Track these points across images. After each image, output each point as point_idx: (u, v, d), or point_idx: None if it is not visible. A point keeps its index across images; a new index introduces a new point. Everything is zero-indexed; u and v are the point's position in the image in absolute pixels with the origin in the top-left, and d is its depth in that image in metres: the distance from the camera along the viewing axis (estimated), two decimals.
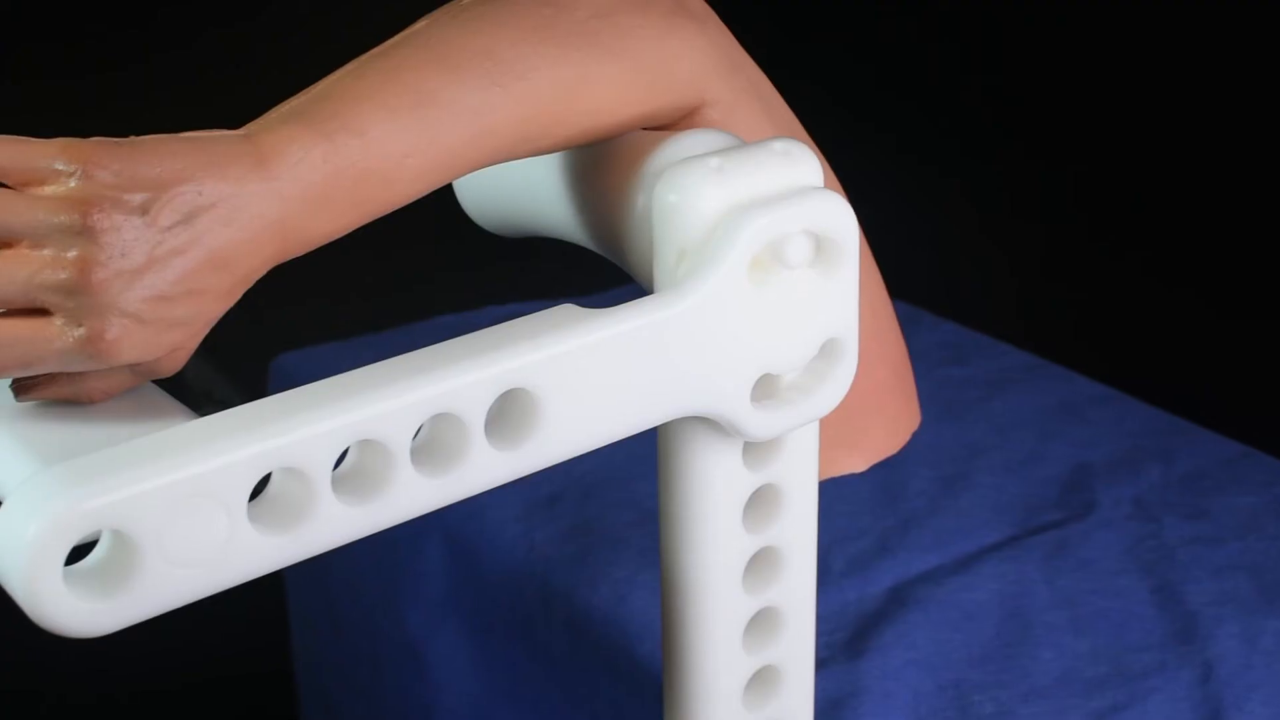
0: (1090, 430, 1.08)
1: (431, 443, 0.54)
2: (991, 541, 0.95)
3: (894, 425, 0.79)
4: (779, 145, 0.62)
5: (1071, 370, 1.18)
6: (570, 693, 0.91)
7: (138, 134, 0.54)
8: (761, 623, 0.68)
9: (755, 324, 0.61)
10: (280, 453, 0.50)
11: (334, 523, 0.52)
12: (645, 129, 0.66)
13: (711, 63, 0.66)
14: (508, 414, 0.56)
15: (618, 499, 0.99)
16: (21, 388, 0.55)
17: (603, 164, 0.66)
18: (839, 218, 0.62)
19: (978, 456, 1.05)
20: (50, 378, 0.54)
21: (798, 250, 0.61)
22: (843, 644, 0.85)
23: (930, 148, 1.66)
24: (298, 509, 0.51)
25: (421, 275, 1.59)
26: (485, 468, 0.55)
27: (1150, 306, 1.52)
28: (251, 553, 0.50)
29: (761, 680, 0.70)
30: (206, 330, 0.55)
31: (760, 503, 0.67)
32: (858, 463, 0.76)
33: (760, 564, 0.67)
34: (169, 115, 0.96)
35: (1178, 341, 1.50)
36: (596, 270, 1.42)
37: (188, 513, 0.49)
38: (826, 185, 0.68)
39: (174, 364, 0.55)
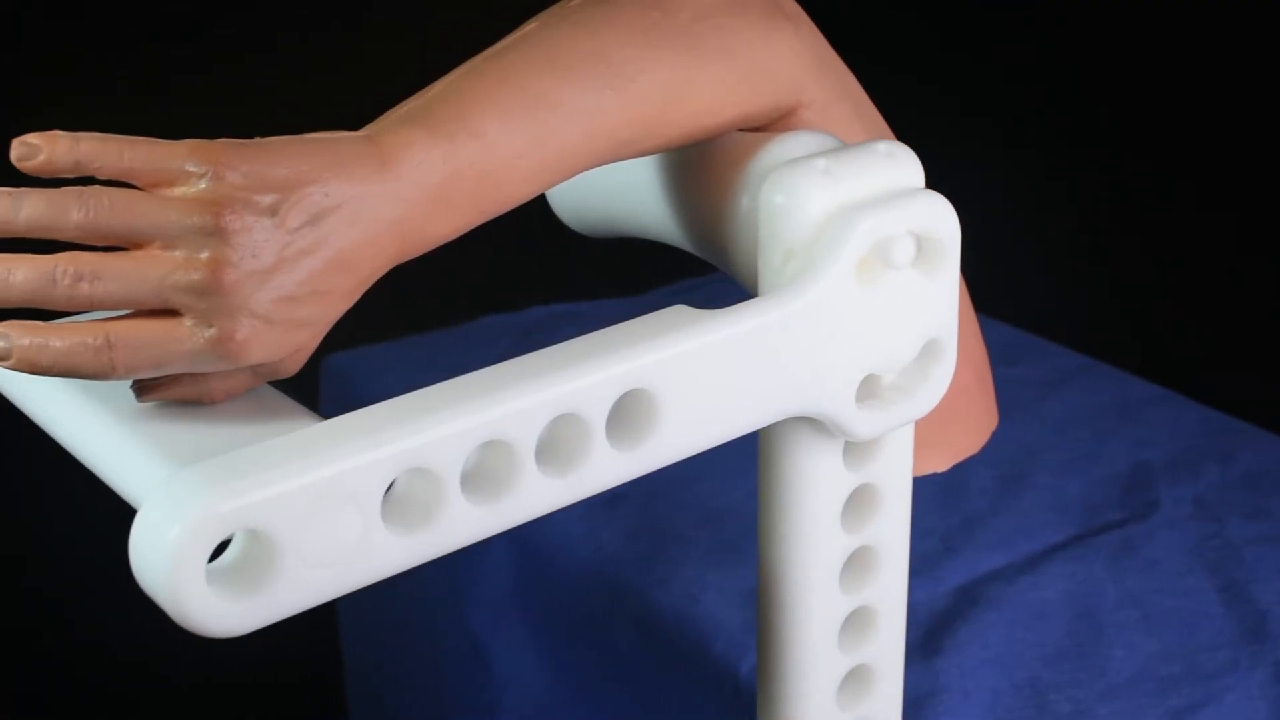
0: (1147, 430, 1.08)
1: (553, 443, 0.54)
2: (1056, 541, 0.96)
3: (975, 425, 0.79)
4: (882, 147, 0.62)
5: (1122, 370, 1.18)
6: (640, 692, 0.91)
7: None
8: (856, 622, 0.69)
9: (861, 324, 0.61)
10: (414, 453, 0.50)
11: (462, 523, 0.52)
12: (742, 130, 0.66)
13: (806, 63, 0.66)
14: (626, 414, 0.56)
15: (681, 499, 0.99)
16: (144, 388, 0.55)
17: (702, 165, 0.66)
18: (943, 219, 0.62)
19: (1036, 456, 1.05)
20: (173, 378, 0.54)
21: (903, 251, 0.61)
22: (917, 643, 0.86)
23: (977, 147, 1.66)
24: (428, 509, 0.51)
25: (456, 274, 1.60)
26: (606, 468, 0.55)
27: (1194, 306, 1.53)
28: (383, 553, 0.51)
29: (854, 679, 0.70)
30: (326, 331, 0.55)
31: (857, 503, 0.67)
32: (941, 462, 0.76)
33: (856, 563, 0.68)
34: (246, 118, 0.96)
35: (1225, 342, 1.50)
36: (628, 268, 1.42)
37: (324, 513, 0.49)
38: None
39: (295, 365, 0.55)
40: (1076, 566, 0.92)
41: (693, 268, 1.43)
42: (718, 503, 0.99)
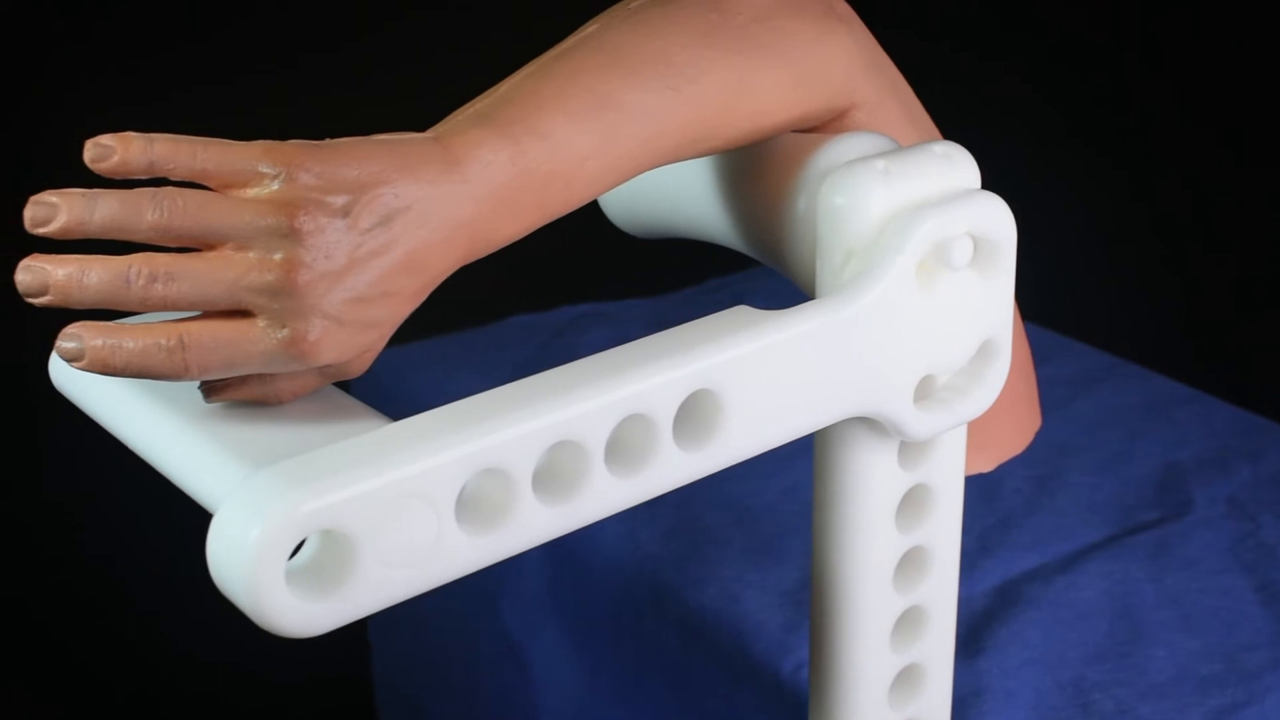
0: (1177, 430, 1.08)
1: (620, 444, 0.55)
2: (1092, 540, 0.96)
3: (1020, 425, 0.79)
4: (939, 148, 0.63)
5: (1150, 370, 1.18)
6: (682, 692, 0.91)
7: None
8: (908, 621, 0.69)
9: (920, 325, 0.61)
10: (489, 453, 0.50)
11: (533, 523, 0.52)
12: (796, 131, 0.66)
13: (859, 64, 0.66)
14: (691, 415, 0.56)
15: (716, 499, 0.99)
16: (212, 389, 0.55)
17: (757, 167, 0.66)
18: (1000, 220, 0.62)
19: (1069, 455, 1.05)
20: (242, 379, 0.55)
21: (962, 252, 0.61)
22: (959, 643, 0.86)
23: (988, 145, 1.66)
24: (500, 510, 0.51)
25: (483, 274, 1.59)
26: (672, 468, 0.55)
27: (1214, 307, 1.53)
28: (457, 554, 0.51)
29: (905, 679, 0.70)
30: (393, 332, 0.56)
31: (911, 503, 0.67)
32: (988, 462, 0.76)
33: (909, 563, 0.68)
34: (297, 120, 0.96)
35: (1247, 342, 1.50)
36: (653, 268, 1.43)
37: (401, 513, 0.49)
38: None
39: (362, 365, 0.56)
40: (1113, 566, 0.92)
41: (717, 268, 1.44)
42: (751, 502, 0.99)
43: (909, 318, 0.61)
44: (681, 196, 0.70)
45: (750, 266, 1.41)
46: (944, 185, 0.62)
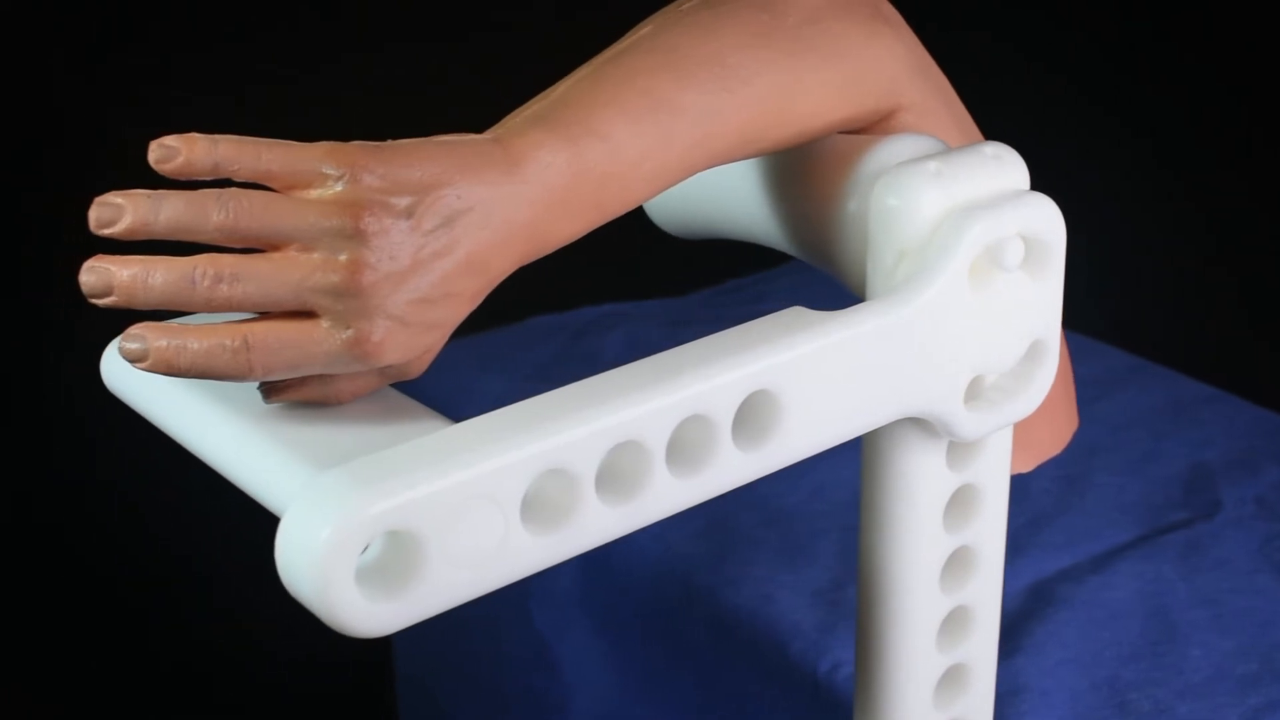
0: (1203, 430, 1.09)
1: (681, 445, 0.55)
2: (1123, 541, 0.96)
3: (1059, 426, 0.79)
4: (989, 149, 0.63)
5: (1172, 370, 1.19)
6: (714, 692, 0.91)
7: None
8: (954, 621, 0.69)
9: (971, 326, 0.61)
10: (554, 454, 0.50)
11: (596, 524, 0.52)
12: (843, 132, 0.66)
13: (905, 66, 0.67)
14: (749, 416, 0.56)
15: (746, 499, 0.99)
16: (272, 389, 0.55)
17: (805, 168, 0.66)
18: (1051, 221, 0.62)
19: (1095, 456, 1.05)
20: (302, 379, 0.55)
21: (1014, 253, 0.61)
22: None
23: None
24: (563, 510, 0.52)
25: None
26: (731, 468, 0.55)
27: (1233, 306, 1.53)
28: (522, 554, 0.51)
29: (950, 678, 0.70)
30: (451, 333, 0.56)
31: (958, 503, 0.67)
32: (1027, 463, 0.76)
33: (956, 563, 0.68)
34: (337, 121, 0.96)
35: (1266, 343, 1.51)
36: (671, 269, 1.43)
37: (468, 514, 0.49)
38: None
39: (422, 366, 0.56)
40: (1145, 566, 0.93)
41: (735, 269, 1.44)
42: (782, 503, 0.99)
43: (961, 318, 0.61)
44: (727, 197, 0.70)
45: (768, 267, 1.42)
46: (994, 186, 0.62)
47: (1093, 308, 1.59)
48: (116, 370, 0.62)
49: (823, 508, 0.99)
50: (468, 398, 1.05)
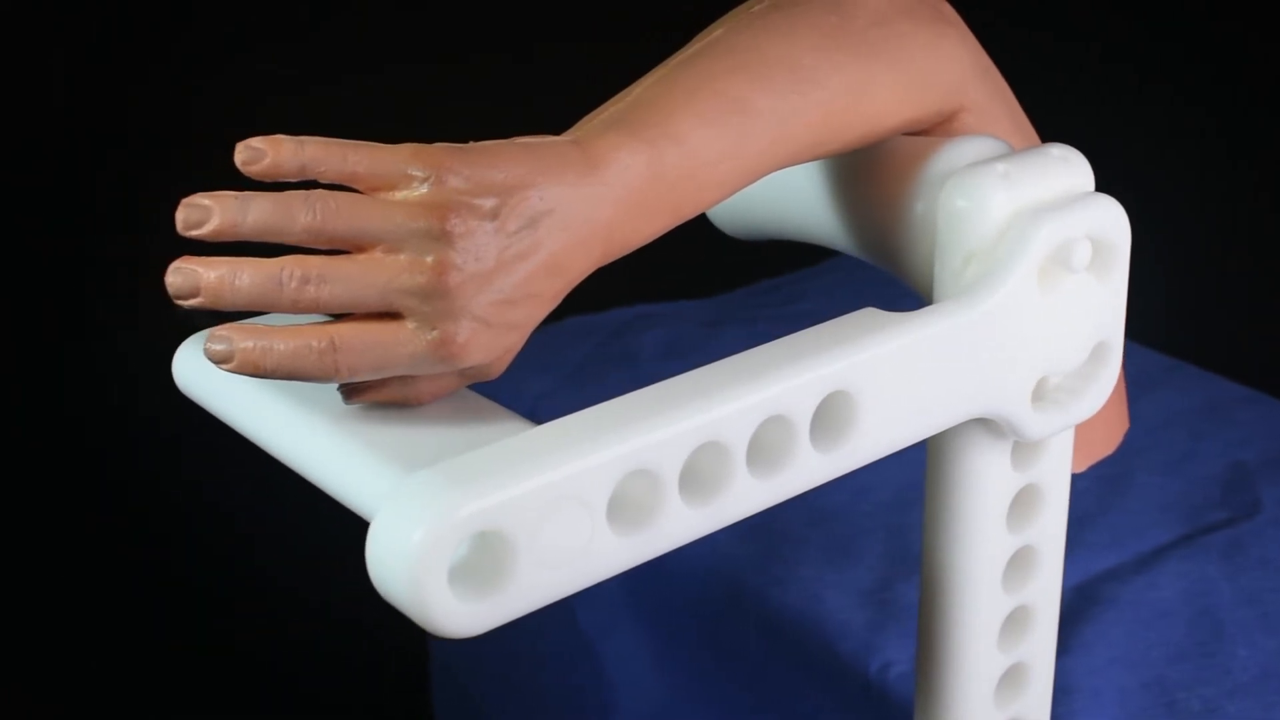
0: (1241, 430, 1.09)
1: (759, 446, 0.55)
2: (1166, 540, 0.96)
3: (1111, 427, 0.80)
4: (1056, 151, 0.63)
5: (1206, 371, 1.19)
6: (763, 693, 0.92)
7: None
8: (1015, 621, 0.69)
9: (1040, 327, 0.62)
10: (641, 454, 0.50)
11: (679, 524, 0.53)
12: (907, 134, 0.67)
13: (968, 68, 0.67)
14: (826, 417, 0.56)
15: (790, 500, 0.99)
16: (353, 391, 0.55)
17: (870, 170, 0.66)
18: (1117, 222, 0.63)
19: (1135, 456, 1.06)
20: (383, 380, 0.55)
21: (1081, 254, 0.61)
22: None
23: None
24: (647, 511, 0.52)
25: None
26: (808, 469, 0.56)
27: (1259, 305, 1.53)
28: (607, 554, 0.51)
29: (1010, 678, 0.70)
30: (529, 334, 0.56)
31: (1022, 503, 0.67)
32: (1081, 463, 0.77)
33: (1018, 563, 0.68)
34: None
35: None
36: (702, 270, 1.43)
37: (557, 515, 0.49)
38: None
39: (501, 367, 0.56)
40: (1189, 566, 0.93)
41: (768, 269, 1.44)
42: (825, 502, 1.00)
43: (1030, 320, 0.61)
44: (789, 198, 0.71)
45: (801, 267, 1.42)
46: (1060, 188, 0.62)
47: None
48: (188, 370, 0.62)
49: (866, 508, 0.99)
50: (508, 399, 1.05)
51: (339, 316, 0.53)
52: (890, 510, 0.99)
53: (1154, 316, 1.58)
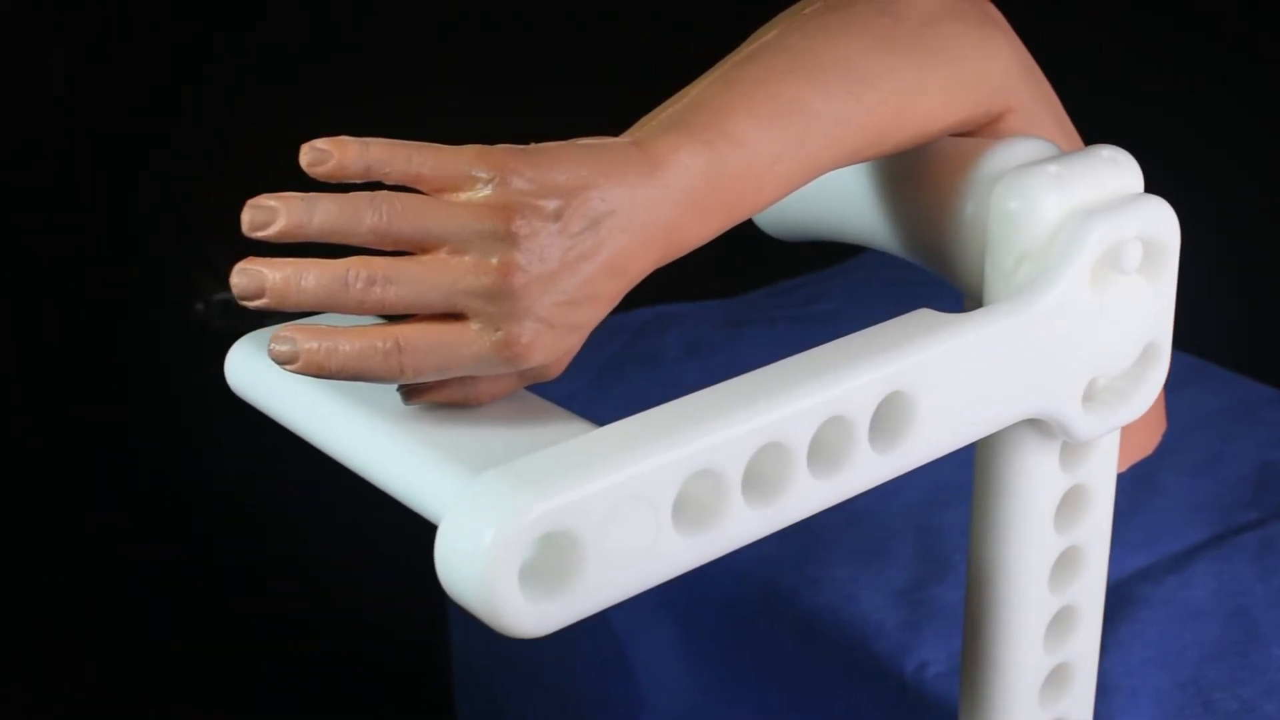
0: (1270, 430, 1.09)
1: (818, 446, 0.55)
2: (1197, 541, 0.96)
3: (1151, 427, 0.80)
4: (1106, 152, 0.63)
5: (1232, 372, 1.19)
6: (798, 694, 0.92)
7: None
8: (1060, 621, 0.69)
9: (1091, 328, 0.62)
10: (706, 455, 0.51)
11: (741, 525, 0.53)
12: (954, 135, 0.67)
13: (1015, 70, 0.67)
14: (884, 417, 0.57)
15: None
16: (413, 391, 0.55)
17: (918, 171, 0.66)
18: (1167, 224, 0.63)
19: (1164, 456, 1.06)
20: (444, 381, 0.55)
21: (1132, 256, 0.62)
22: None
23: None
24: (711, 511, 0.52)
25: None
26: (867, 470, 0.56)
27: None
28: (672, 555, 0.51)
29: (1056, 677, 0.71)
30: (588, 335, 0.56)
31: (1069, 503, 0.68)
32: (1122, 463, 0.77)
33: (1064, 563, 0.68)
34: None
35: None
36: (719, 270, 1.43)
37: (624, 515, 0.49)
38: None
39: (560, 368, 0.56)
40: (1222, 566, 0.93)
41: (788, 269, 1.44)
42: (855, 503, 0.99)
43: (1081, 321, 0.61)
44: (835, 199, 0.71)
45: (820, 267, 1.42)
46: (1111, 189, 0.63)
47: None
48: (240, 370, 0.62)
49: (895, 509, 0.99)
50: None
51: (401, 317, 0.54)
52: (919, 511, 0.99)
53: (1179, 317, 1.59)
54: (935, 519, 0.98)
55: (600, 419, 0.55)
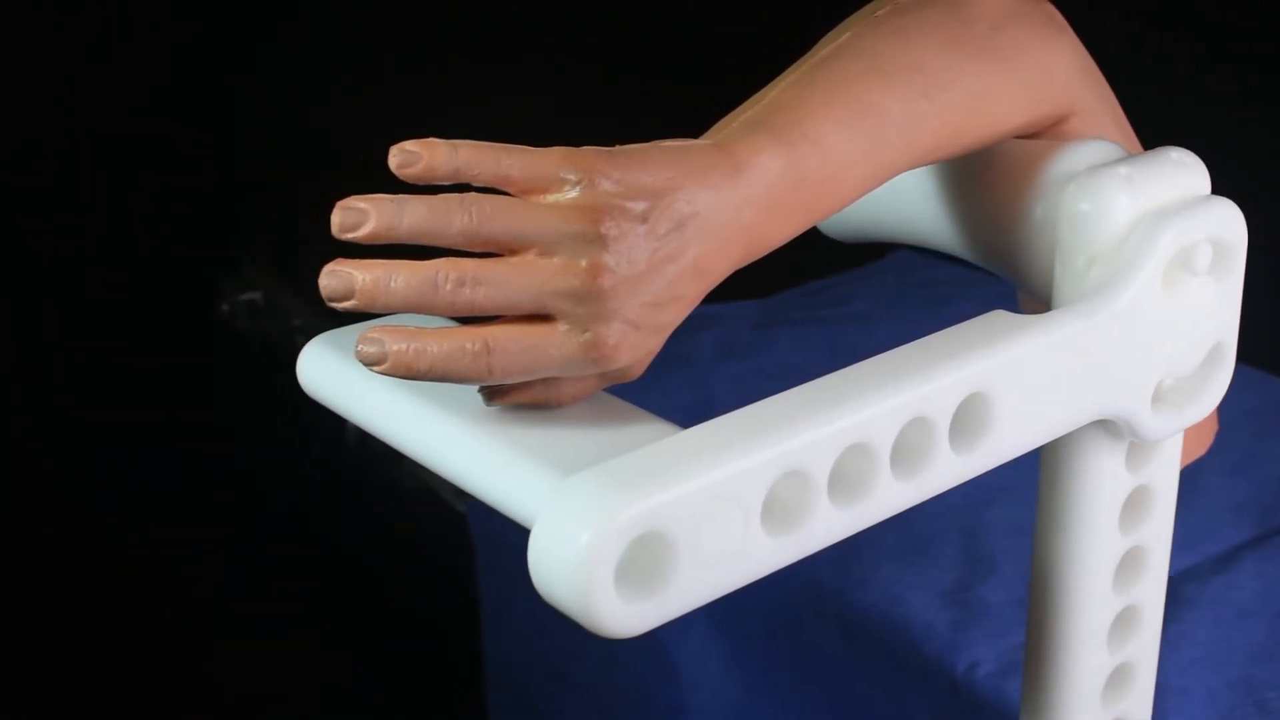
0: None
1: (900, 447, 0.55)
2: (1239, 541, 0.97)
3: (1205, 429, 0.80)
4: (1174, 154, 0.63)
5: (1265, 372, 1.20)
6: (843, 694, 0.92)
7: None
8: (1123, 621, 0.70)
9: (1161, 329, 0.62)
10: (794, 455, 0.51)
11: (826, 525, 0.53)
12: (1018, 138, 0.67)
13: (1079, 72, 0.67)
14: (963, 419, 0.57)
15: None
16: (496, 392, 0.55)
17: (985, 173, 0.67)
18: (1235, 225, 0.63)
19: (1203, 456, 1.06)
20: (527, 382, 0.55)
21: (1203, 257, 0.62)
22: None
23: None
24: (797, 512, 0.52)
25: None
26: (947, 470, 0.56)
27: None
28: (760, 555, 0.51)
29: (1117, 677, 0.71)
30: (669, 335, 0.56)
31: (1134, 504, 0.68)
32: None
33: (1128, 563, 0.69)
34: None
35: None
36: (747, 270, 1.43)
37: (715, 516, 0.50)
38: None
39: (641, 369, 0.56)
40: (1265, 566, 0.93)
41: (815, 271, 1.44)
42: None
43: (1153, 322, 0.62)
44: (900, 201, 0.71)
45: (848, 269, 1.42)
46: (1180, 191, 0.63)
47: None
48: (314, 370, 0.63)
49: (938, 510, 0.99)
50: None
51: (485, 319, 0.54)
52: (961, 512, 0.99)
53: None
54: (978, 519, 0.98)
55: None
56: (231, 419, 1.89)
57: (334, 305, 0.52)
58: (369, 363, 0.52)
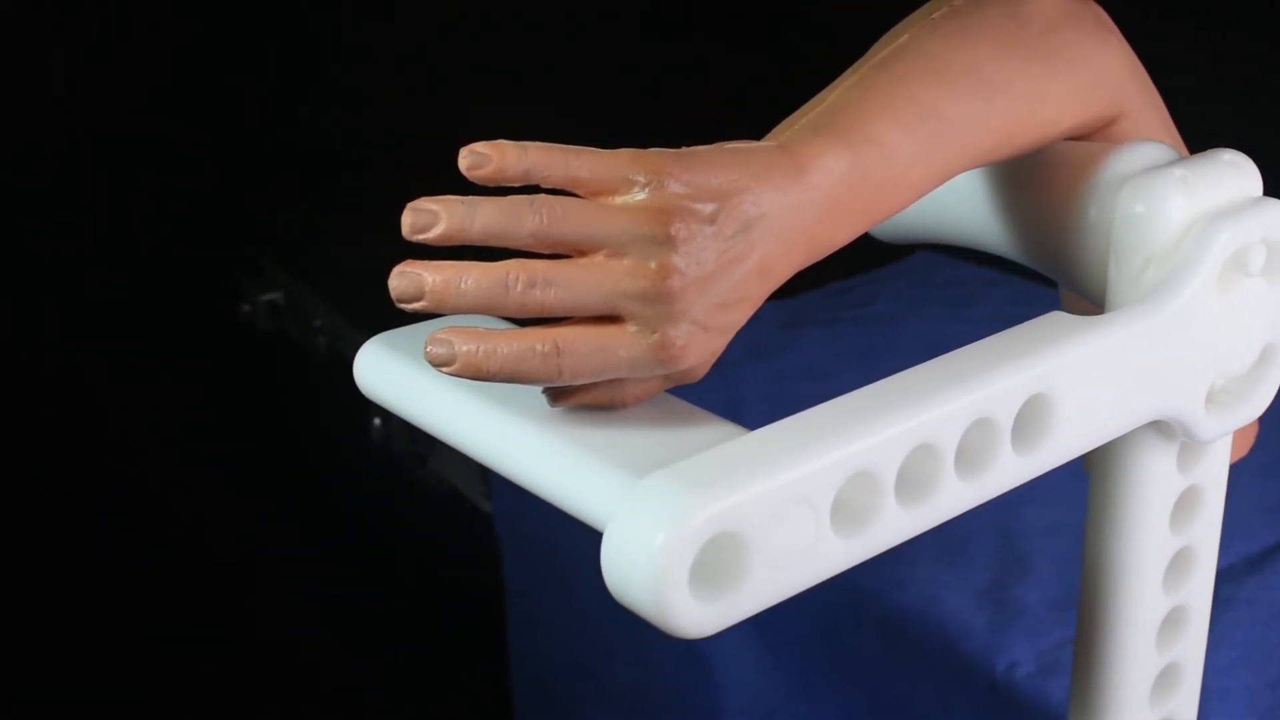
0: None
1: (964, 448, 0.55)
2: (1274, 541, 0.97)
3: (1246, 430, 0.80)
4: (1227, 156, 0.64)
5: None
6: (881, 695, 0.92)
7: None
8: (1172, 621, 0.70)
9: (1216, 330, 0.62)
10: (863, 456, 0.51)
11: (893, 525, 0.53)
12: (1069, 140, 0.67)
13: (1129, 75, 0.68)
14: (1024, 420, 0.57)
15: None
16: (561, 393, 0.56)
17: (1037, 175, 0.67)
18: None
19: None
20: (593, 383, 0.55)
21: (1257, 259, 0.62)
22: None
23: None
24: (865, 513, 0.52)
25: None
26: (1008, 471, 0.56)
27: None
28: (829, 556, 0.52)
29: (1165, 677, 0.71)
30: (733, 336, 0.56)
31: (1184, 504, 0.68)
32: None
33: (1177, 564, 0.69)
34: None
35: None
36: None
37: (786, 516, 0.50)
38: None
39: (705, 370, 0.56)
40: None
41: (835, 271, 1.44)
42: None
43: (1208, 323, 0.62)
44: (951, 202, 0.71)
45: (870, 269, 1.43)
46: (1233, 193, 0.63)
47: None
48: (372, 371, 0.63)
49: (973, 510, 0.99)
50: None
51: (551, 320, 0.54)
52: (996, 513, 0.99)
53: None
54: (1011, 520, 0.98)
55: None
56: (240, 419, 1.89)
57: (403, 306, 0.52)
58: (438, 364, 0.52)
